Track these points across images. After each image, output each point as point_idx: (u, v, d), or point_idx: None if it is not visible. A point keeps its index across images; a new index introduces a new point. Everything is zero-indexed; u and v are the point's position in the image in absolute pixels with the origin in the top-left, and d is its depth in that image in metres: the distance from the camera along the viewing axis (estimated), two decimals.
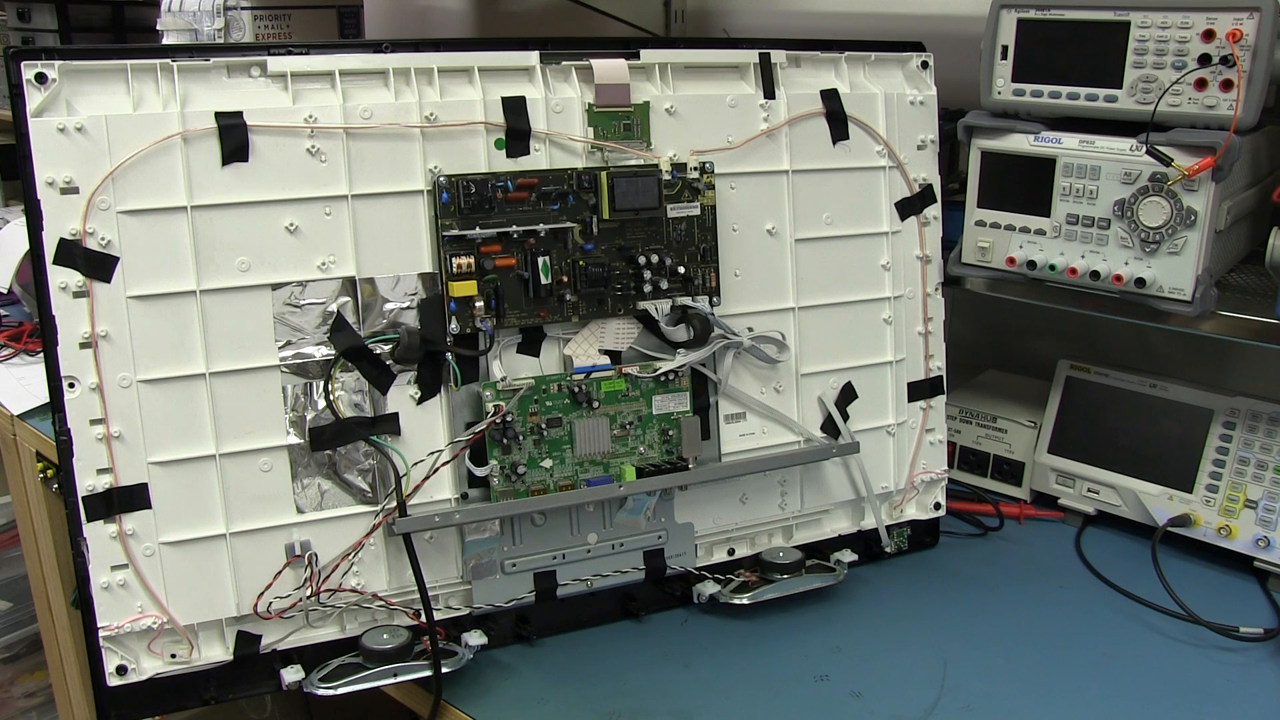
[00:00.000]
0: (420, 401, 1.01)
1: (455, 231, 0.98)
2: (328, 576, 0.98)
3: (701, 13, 1.85)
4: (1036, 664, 1.04)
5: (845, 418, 1.17)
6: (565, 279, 1.03)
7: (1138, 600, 1.15)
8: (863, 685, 1.00)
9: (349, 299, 0.97)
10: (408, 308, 0.99)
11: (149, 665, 0.95)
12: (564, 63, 1.04)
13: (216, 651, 0.97)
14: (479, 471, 1.02)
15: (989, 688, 1.00)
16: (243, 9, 1.78)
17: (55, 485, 1.46)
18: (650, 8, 1.81)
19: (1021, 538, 1.29)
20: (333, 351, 0.97)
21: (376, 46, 0.98)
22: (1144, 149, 1.08)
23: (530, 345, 1.05)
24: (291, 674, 0.97)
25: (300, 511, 0.97)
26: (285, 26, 1.86)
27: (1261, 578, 1.18)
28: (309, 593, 0.97)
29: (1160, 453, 1.25)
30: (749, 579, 1.13)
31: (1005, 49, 1.17)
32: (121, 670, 0.94)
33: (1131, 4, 1.08)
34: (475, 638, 1.02)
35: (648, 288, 1.06)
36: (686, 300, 1.08)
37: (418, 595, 0.98)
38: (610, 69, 1.04)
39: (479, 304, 1.00)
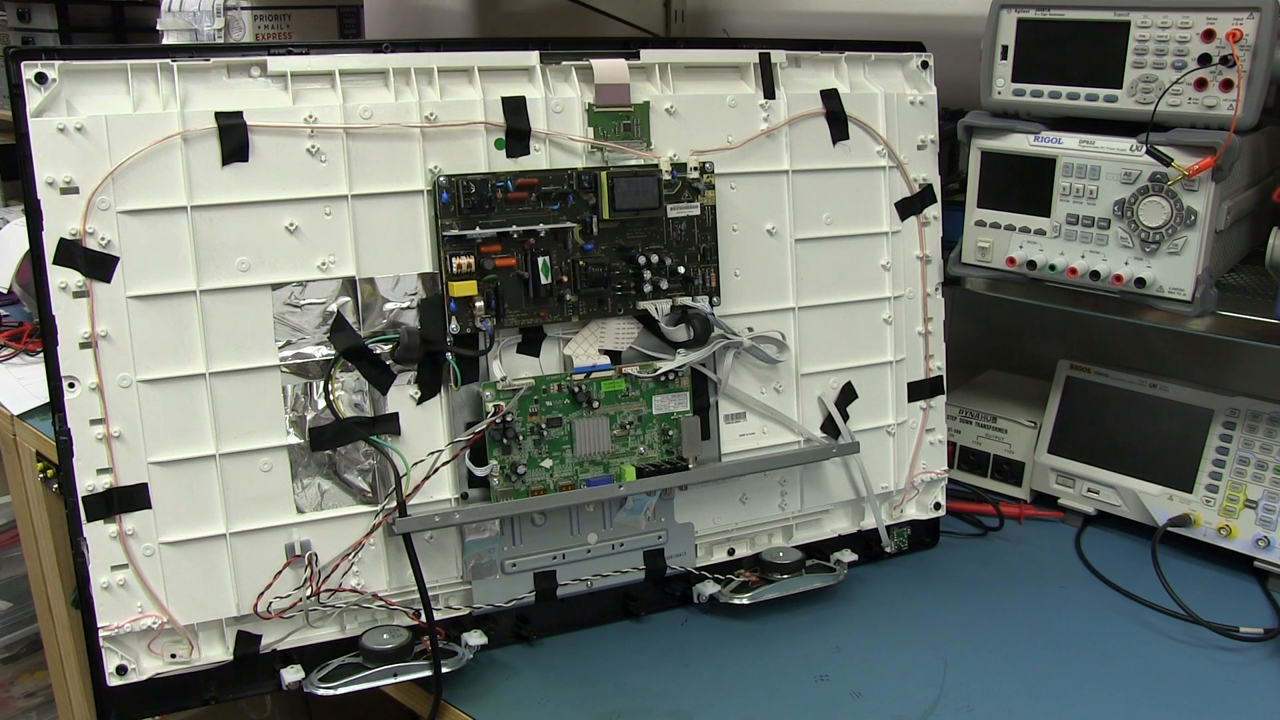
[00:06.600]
0: (420, 401, 1.01)
1: (455, 231, 0.98)
2: (328, 576, 0.98)
3: (701, 13, 1.85)
4: (1036, 664, 1.04)
5: (845, 418, 1.17)
6: (565, 279, 1.03)
7: (1138, 600, 1.15)
8: (863, 685, 1.00)
9: (349, 299, 0.97)
10: (408, 308, 0.99)
11: (149, 665, 0.95)
12: (564, 63, 1.04)
13: (216, 651, 0.97)
14: (479, 471, 1.02)
15: (989, 688, 1.00)
16: (243, 9, 1.78)
17: (55, 485, 1.46)
18: (650, 8, 1.81)
19: (1021, 538, 1.29)
20: (333, 351, 0.97)
21: (376, 46, 0.98)
22: (1144, 149, 1.08)
23: (530, 345, 1.05)
24: (291, 674, 0.97)
25: (300, 511, 0.97)
26: (285, 26, 1.87)
27: (1261, 578, 1.18)
28: (309, 593, 0.97)
29: (1160, 453, 1.25)
30: (749, 579, 1.13)
31: (1005, 49, 1.17)
32: (121, 670, 0.94)
33: (1131, 4, 1.08)
34: (475, 638, 1.02)
35: (648, 288, 1.06)
36: (686, 300, 1.08)
37: (418, 595, 0.98)
38: (610, 69, 1.04)
39: (479, 304, 1.00)
